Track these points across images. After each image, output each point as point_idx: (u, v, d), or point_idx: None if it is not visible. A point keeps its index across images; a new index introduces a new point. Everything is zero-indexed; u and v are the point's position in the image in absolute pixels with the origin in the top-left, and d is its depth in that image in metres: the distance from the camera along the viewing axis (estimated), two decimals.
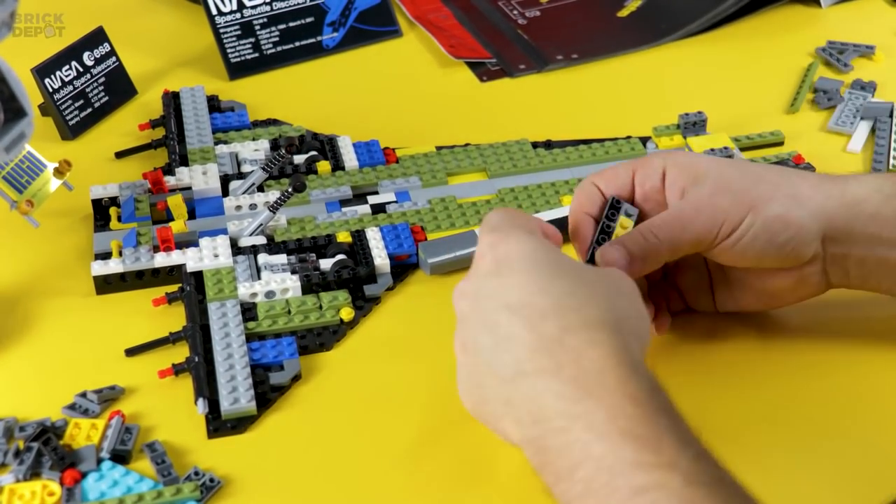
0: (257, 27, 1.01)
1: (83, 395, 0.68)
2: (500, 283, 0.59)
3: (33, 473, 0.62)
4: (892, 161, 0.87)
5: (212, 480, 0.62)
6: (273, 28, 1.02)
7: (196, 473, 0.63)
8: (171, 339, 0.72)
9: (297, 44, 1.03)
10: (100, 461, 0.63)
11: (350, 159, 0.88)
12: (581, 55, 1.02)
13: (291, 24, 1.03)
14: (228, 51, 1.00)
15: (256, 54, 1.01)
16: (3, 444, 0.64)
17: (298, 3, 1.03)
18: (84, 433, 0.65)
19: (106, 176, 0.86)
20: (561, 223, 0.80)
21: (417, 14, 1.09)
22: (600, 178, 0.70)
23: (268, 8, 1.02)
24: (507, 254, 0.59)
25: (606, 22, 1.08)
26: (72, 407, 0.67)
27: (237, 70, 1.01)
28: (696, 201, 0.67)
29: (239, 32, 1.01)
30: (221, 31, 1.00)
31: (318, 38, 1.04)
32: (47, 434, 0.63)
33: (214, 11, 1.00)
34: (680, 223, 0.66)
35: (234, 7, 1.01)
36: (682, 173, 0.68)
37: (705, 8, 1.05)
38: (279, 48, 1.02)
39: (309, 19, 1.03)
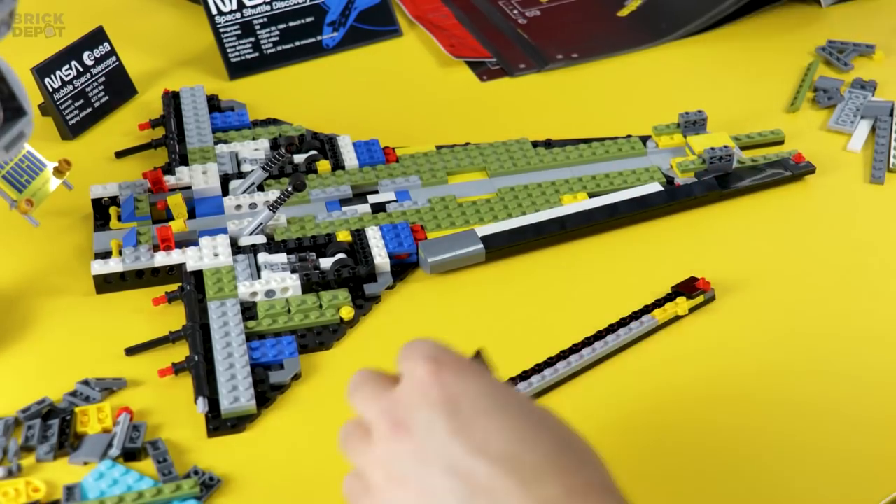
0: (257, 27, 1.01)
1: (85, 382, 0.68)
2: (463, 423, 0.48)
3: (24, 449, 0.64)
4: (892, 160, 0.87)
5: (211, 479, 0.62)
6: (273, 28, 1.02)
7: (195, 472, 0.63)
8: (170, 339, 0.72)
9: (297, 43, 1.03)
10: (103, 456, 0.64)
11: (350, 158, 0.88)
12: (581, 55, 1.02)
13: (291, 24, 1.03)
14: (228, 50, 1.00)
15: (256, 54, 1.01)
16: (2, 442, 0.64)
17: (298, 3, 1.03)
18: (93, 418, 0.66)
19: (106, 175, 0.86)
20: (574, 219, 0.80)
21: (417, 14, 1.09)
22: None
23: (268, 8, 1.02)
24: (465, 390, 0.49)
25: (606, 22, 1.07)
26: (73, 394, 0.68)
27: (237, 70, 1.01)
28: None
29: (239, 32, 1.01)
30: (221, 30, 1.00)
31: (318, 38, 1.04)
32: (59, 415, 0.65)
33: (214, 11, 1.00)
34: None
35: (234, 7, 1.01)
36: None
37: (705, 8, 1.05)
38: (279, 48, 1.02)
39: (309, 19, 1.03)
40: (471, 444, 0.47)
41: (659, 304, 0.74)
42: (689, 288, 0.74)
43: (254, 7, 1.01)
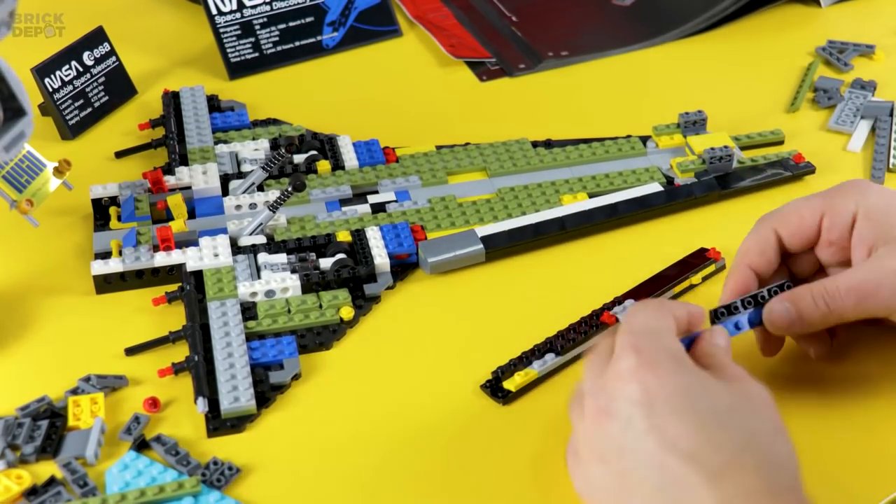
0: (257, 27, 1.01)
1: (87, 379, 0.68)
2: (658, 421, 0.53)
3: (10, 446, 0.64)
4: (892, 161, 0.87)
5: (230, 469, 0.63)
6: (273, 28, 1.02)
7: (215, 463, 0.63)
8: (170, 339, 0.72)
9: (297, 43, 1.03)
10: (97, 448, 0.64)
11: (350, 159, 0.88)
12: (576, 50, 1.02)
13: (291, 24, 1.03)
14: (228, 50, 1.00)
15: (256, 54, 1.01)
16: (2, 442, 0.64)
17: (298, 3, 1.03)
18: (86, 410, 0.66)
19: (106, 175, 0.86)
20: (574, 219, 0.80)
21: (417, 14, 1.09)
22: (782, 225, 0.66)
23: (268, 8, 1.02)
24: (661, 388, 0.54)
25: (602, 14, 1.07)
26: (74, 391, 0.68)
27: (237, 70, 1.01)
28: (880, 272, 0.61)
29: (239, 32, 1.01)
30: (221, 30, 1.00)
31: (318, 38, 1.04)
32: (56, 415, 0.65)
33: (214, 11, 1.00)
34: (857, 296, 0.62)
35: (234, 7, 1.01)
36: (873, 228, 0.63)
37: (705, 8, 1.05)
38: (279, 48, 1.02)
39: (309, 19, 1.03)
40: (664, 442, 0.53)
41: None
42: (700, 258, 0.77)
43: (254, 7, 1.01)
